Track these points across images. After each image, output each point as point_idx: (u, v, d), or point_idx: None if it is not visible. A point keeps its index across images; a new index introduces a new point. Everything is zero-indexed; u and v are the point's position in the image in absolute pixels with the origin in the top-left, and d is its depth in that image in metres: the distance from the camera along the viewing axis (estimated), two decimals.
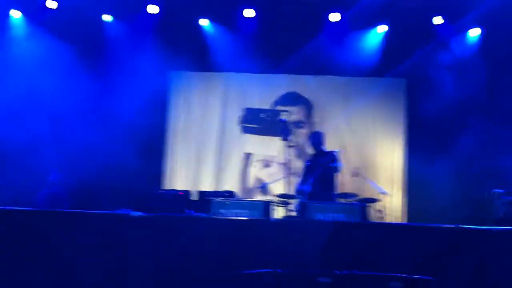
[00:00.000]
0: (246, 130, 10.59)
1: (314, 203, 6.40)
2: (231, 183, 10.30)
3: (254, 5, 9.67)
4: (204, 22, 10.08)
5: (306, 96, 10.65)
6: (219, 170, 10.51)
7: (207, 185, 10.28)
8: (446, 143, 9.26)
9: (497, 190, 7.99)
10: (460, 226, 4.96)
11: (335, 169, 7.71)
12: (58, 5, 9.48)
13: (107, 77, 9.81)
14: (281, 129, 8.45)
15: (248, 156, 10.44)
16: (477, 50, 9.75)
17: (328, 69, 10.30)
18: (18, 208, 5.06)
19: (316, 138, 8.00)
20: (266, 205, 6.11)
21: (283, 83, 10.62)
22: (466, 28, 9.80)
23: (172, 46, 9.63)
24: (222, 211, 5.91)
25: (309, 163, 7.91)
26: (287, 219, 6.69)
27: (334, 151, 7.97)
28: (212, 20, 10.08)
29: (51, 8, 9.50)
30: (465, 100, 9.35)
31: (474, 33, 9.82)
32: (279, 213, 7.82)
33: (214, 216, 5.52)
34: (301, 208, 6.69)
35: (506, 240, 4.81)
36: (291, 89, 10.65)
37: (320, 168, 7.50)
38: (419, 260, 4.66)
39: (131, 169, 9.14)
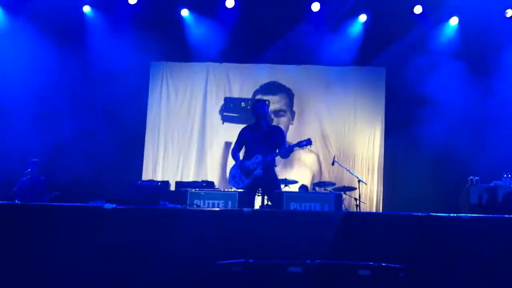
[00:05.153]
0: (226, 119, 10.60)
1: (289, 193, 6.47)
2: (212, 173, 10.35)
3: None
4: (184, 12, 10.03)
5: (287, 85, 10.68)
6: (200, 160, 10.51)
7: (189, 176, 10.32)
8: (423, 132, 9.31)
9: (472, 177, 8.12)
10: (431, 214, 5.00)
11: (287, 154, 6.73)
12: None
13: (87, 68, 9.76)
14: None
15: (228, 145, 10.32)
16: (455, 39, 9.83)
17: (309, 59, 10.33)
18: None
19: (266, 108, 6.80)
20: (241, 195, 6.15)
21: (264, 73, 10.63)
22: (445, 18, 9.86)
23: (152, 36, 9.54)
24: (198, 201, 5.97)
25: (251, 134, 6.72)
26: (260, 209, 6.69)
27: (281, 128, 7.10)
28: (192, 10, 10.04)
29: None
30: (442, 90, 9.39)
31: (453, 22, 9.89)
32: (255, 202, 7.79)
33: (188, 208, 5.55)
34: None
35: (478, 227, 4.85)
36: (272, 78, 10.68)
37: (276, 150, 6.59)
38: (391, 249, 4.70)
39: (111, 160, 9.14)
